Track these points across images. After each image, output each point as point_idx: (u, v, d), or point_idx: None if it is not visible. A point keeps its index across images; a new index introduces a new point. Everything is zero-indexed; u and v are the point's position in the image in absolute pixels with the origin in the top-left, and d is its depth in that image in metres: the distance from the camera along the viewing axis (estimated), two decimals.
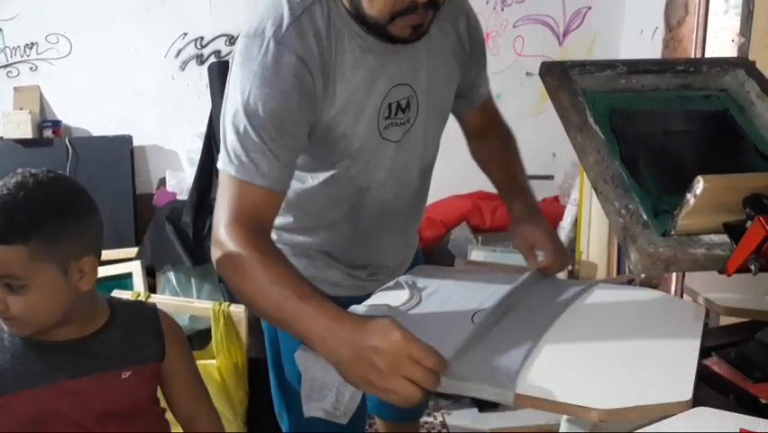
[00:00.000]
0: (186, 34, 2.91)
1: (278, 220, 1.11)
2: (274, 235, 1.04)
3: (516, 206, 1.23)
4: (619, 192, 0.88)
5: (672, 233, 0.82)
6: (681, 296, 2.04)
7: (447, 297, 1.04)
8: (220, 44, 2.91)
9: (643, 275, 2.29)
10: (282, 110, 0.91)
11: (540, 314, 0.94)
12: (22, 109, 2.91)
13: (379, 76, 1.01)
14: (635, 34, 2.69)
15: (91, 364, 0.95)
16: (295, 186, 1.06)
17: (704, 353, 0.84)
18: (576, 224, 2.62)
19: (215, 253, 0.90)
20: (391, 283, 1.11)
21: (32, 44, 2.99)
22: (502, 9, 2.78)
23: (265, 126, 0.90)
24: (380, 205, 1.13)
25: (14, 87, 3.01)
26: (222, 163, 0.93)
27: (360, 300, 1.05)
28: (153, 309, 1.06)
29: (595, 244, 2.58)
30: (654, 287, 2.08)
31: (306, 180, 1.09)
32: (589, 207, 2.58)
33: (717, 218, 0.81)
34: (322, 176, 1.07)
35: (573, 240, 2.62)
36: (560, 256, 1.14)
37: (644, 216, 0.84)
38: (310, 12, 0.95)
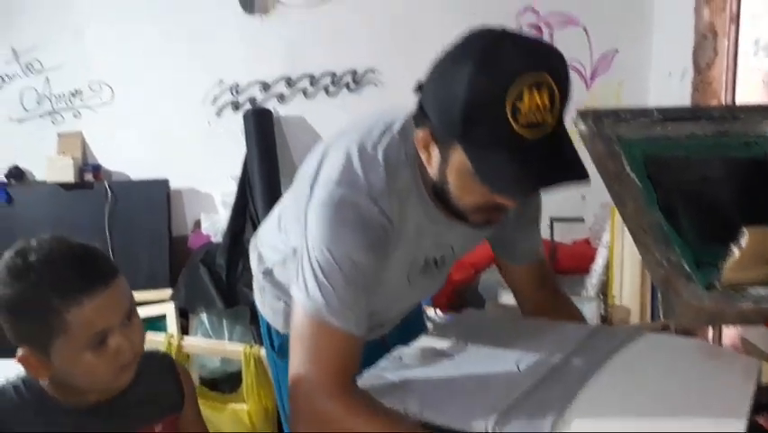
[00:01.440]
0: (222, 81, 3.01)
1: (273, 260, 1.17)
2: (263, 280, 1.16)
3: None
4: (659, 243, 0.88)
5: (717, 285, 0.81)
6: (720, 344, 1.99)
7: (493, 343, 1.04)
8: (255, 91, 3.00)
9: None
10: (374, 262, 0.93)
11: (586, 362, 0.94)
12: (64, 154, 3.03)
13: (429, 239, 1.04)
14: (663, 77, 2.70)
15: (122, 425, 0.94)
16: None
17: (757, 409, 0.82)
18: (608, 267, 2.59)
19: (299, 407, 0.90)
20: (436, 327, 1.12)
21: (77, 92, 3.12)
22: None
23: (356, 275, 0.91)
24: (386, 319, 1.18)
25: (58, 133, 3.13)
26: (309, 309, 0.91)
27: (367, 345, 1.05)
28: (170, 359, 1.07)
29: (628, 287, 2.54)
30: (691, 334, 2.03)
31: None
32: (620, 249, 2.55)
33: (763, 270, 0.80)
34: None
35: (605, 283, 2.59)
36: None
37: (687, 269, 0.83)
38: (401, 174, 0.97)
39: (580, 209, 2.81)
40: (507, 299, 2.53)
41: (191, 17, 2.97)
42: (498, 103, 0.79)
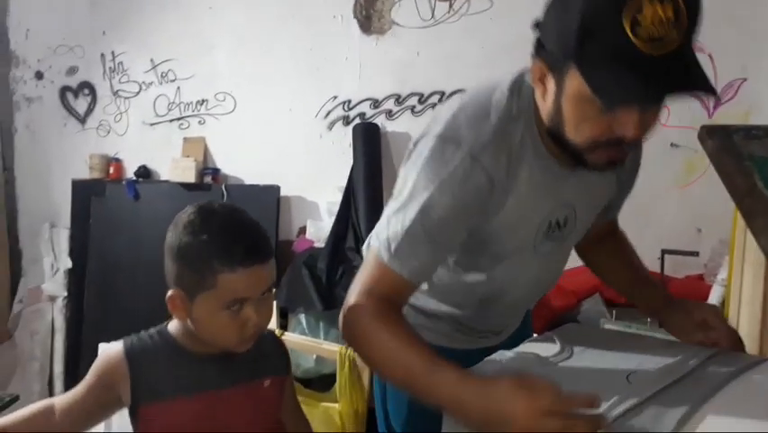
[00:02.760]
0: (335, 97, 3.14)
1: None
2: None
3: (653, 291, 1.21)
4: None
5: None
6: None
7: (600, 355, 1.01)
8: (365, 107, 3.11)
9: None
10: (454, 220, 0.94)
11: (702, 384, 0.89)
12: (188, 157, 3.27)
13: (549, 195, 1.01)
14: None
15: (237, 375, 1.04)
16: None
17: None
18: (723, 305, 2.42)
19: (345, 319, 0.95)
20: (540, 336, 1.11)
21: (203, 101, 3.38)
22: None
23: (432, 230, 0.93)
24: (512, 301, 1.15)
25: (184, 138, 3.40)
26: (376, 245, 0.96)
27: (469, 353, 1.06)
28: (273, 333, 1.17)
29: (745, 328, 2.36)
30: None
31: (448, 269, 1.09)
32: (738, 287, 2.39)
33: None
34: (464, 272, 1.08)
35: None
36: (734, 336, 1.09)
37: None
38: (511, 129, 0.95)
39: (695, 243, 2.66)
40: (609, 327, 2.43)
41: (312, 37, 3.14)
42: (615, 14, 0.75)
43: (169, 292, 0.99)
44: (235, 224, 0.98)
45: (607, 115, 0.84)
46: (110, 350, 1.02)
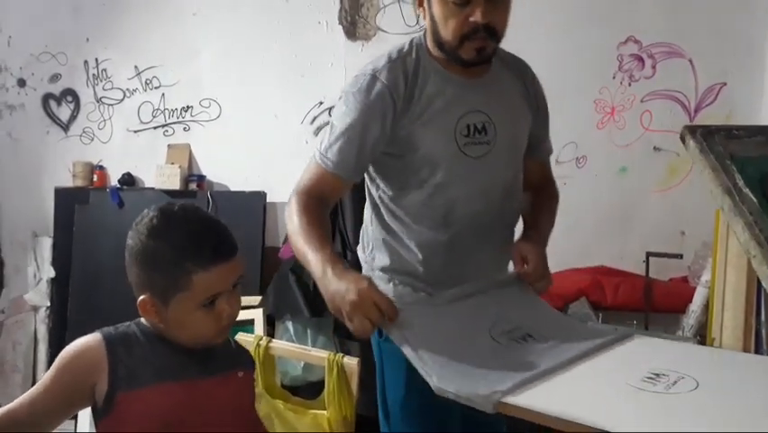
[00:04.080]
0: (321, 103, 3.14)
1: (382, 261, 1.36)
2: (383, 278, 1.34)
3: (528, 232, 1.40)
4: None
5: None
6: None
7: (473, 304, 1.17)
8: None
9: None
10: (367, 120, 1.23)
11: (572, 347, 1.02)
12: (173, 164, 3.25)
13: (457, 102, 1.27)
14: None
15: (215, 366, 1.06)
16: (399, 214, 1.33)
17: None
18: (707, 307, 2.44)
19: (286, 209, 1.24)
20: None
21: (188, 107, 3.37)
22: (629, 84, 2.76)
23: (351, 132, 1.23)
24: (471, 217, 1.32)
25: (168, 144, 3.38)
26: (315, 153, 1.29)
27: None
28: (234, 340, 1.20)
29: (729, 330, 2.38)
30: None
31: (403, 206, 1.32)
32: (722, 289, 2.41)
33: None
34: (415, 194, 1.30)
35: (704, 325, 2.45)
36: (543, 269, 1.29)
37: None
38: (404, 59, 1.28)
39: (679, 246, 2.68)
40: None
41: (297, 43, 3.14)
42: None
43: (141, 298, 0.99)
44: (201, 224, 0.99)
45: (462, 9, 1.18)
46: (85, 338, 1.01)
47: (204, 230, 0.98)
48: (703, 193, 1.28)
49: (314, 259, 1.11)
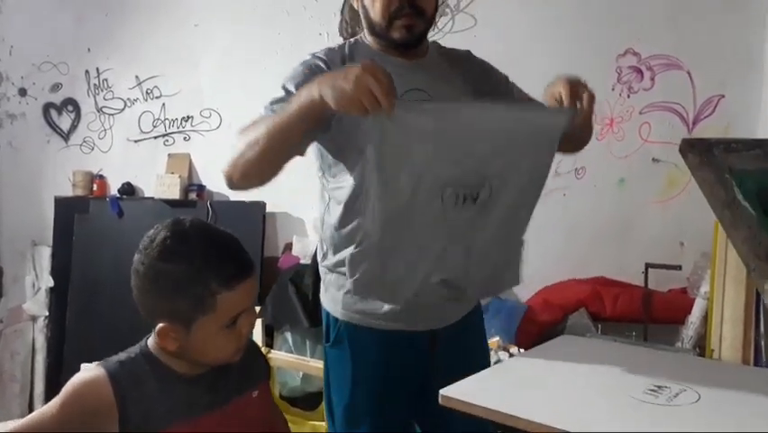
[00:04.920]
0: None
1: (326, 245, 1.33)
2: (328, 274, 1.33)
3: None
4: None
5: None
6: None
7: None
8: None
9: None
10: (300, 83, 1.20)
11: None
12: (173, 173, 3.26)
13: (396, 81, 1.17)
14: None
15: (228, 392, 1.02)
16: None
17: None
18: (706, 319, 2.44)
19: (228, 168, 1.22)
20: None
21: (188, 117, 3.38)
22: (628, 96, 2.78)
23: (287, 94, 1.23)
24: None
25: (169, 154, 3.39)
26: (262, 108, 1.29)
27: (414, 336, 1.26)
28: (252, 340, 1.13)
29: (728, 341, 2.38)
30: None
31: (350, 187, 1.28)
32: (721, 301, 2.41)
33: None
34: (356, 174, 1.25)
35: (703, 337, 2.44)
36: (576, 86, 1.15)
37: None
38: (342, 47, 1.34)
39: (678, 257, 2.69)
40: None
41: (298, 54, 3.12)
42: None
43: (160, 326, 0.93)
44: (219, 241, 0.96)
45: None
46: (89, 375, 0.93)
47: (223, 248, 0.95)
48: (702, 204, 1.28)
49: (295, 103, 1.10)
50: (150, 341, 0.99)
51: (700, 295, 2.49)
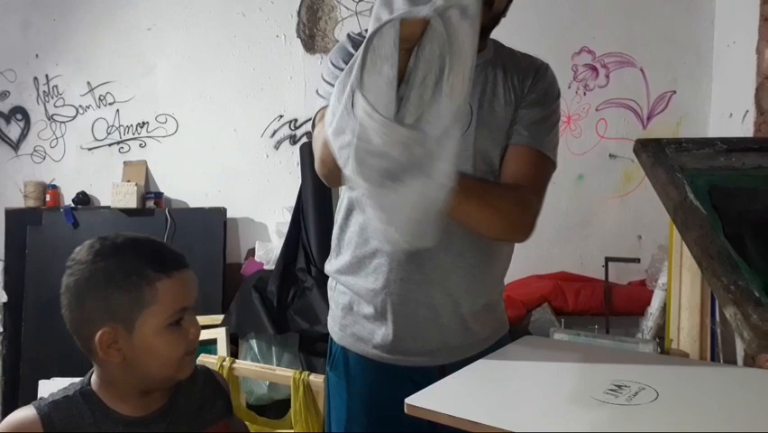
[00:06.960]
0: (281, 116, 3.12)
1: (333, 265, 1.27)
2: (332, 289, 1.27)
3: None
4: (726, 268, 0.86)
5: None
6: None
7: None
8: (311, 126, 3.09)
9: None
10: (337, 60, 1.19)
11: None
12: (129, 182, 3.17)
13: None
14: (723, 118, 2.65)
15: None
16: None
17: None
18: (665, 309, 2.51)
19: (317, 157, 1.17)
20: None
21: (144, 123, 3.30)
22: (584, 93, 2.83)
23: (328, 73, 1.19)
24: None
25: (124, 162, 3.30)
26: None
27: (400, 371, 1.17)
28: (208, 369, 1.08)
29: (686, 331, 2.45)
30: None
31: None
32: (678, 292, 2.48)
33: None
34: None
35: (662, 327, 2.51)
36: None
37: (756, 294, 0.82)
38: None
39: (636, 250, 2.75)
40: (560, 338, 2.48)
41: (255, 57, 3.11)
42: None
43: (100, 332, 0.87)
44: (147, 239, 0.93)
45: None
46: (20, 416, 0.87)
47: (154, 243, 0.93)
48: (657, 198, 1.31)
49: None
50: (94, 377, 0.94)
51: (659, 287, 2.55)
